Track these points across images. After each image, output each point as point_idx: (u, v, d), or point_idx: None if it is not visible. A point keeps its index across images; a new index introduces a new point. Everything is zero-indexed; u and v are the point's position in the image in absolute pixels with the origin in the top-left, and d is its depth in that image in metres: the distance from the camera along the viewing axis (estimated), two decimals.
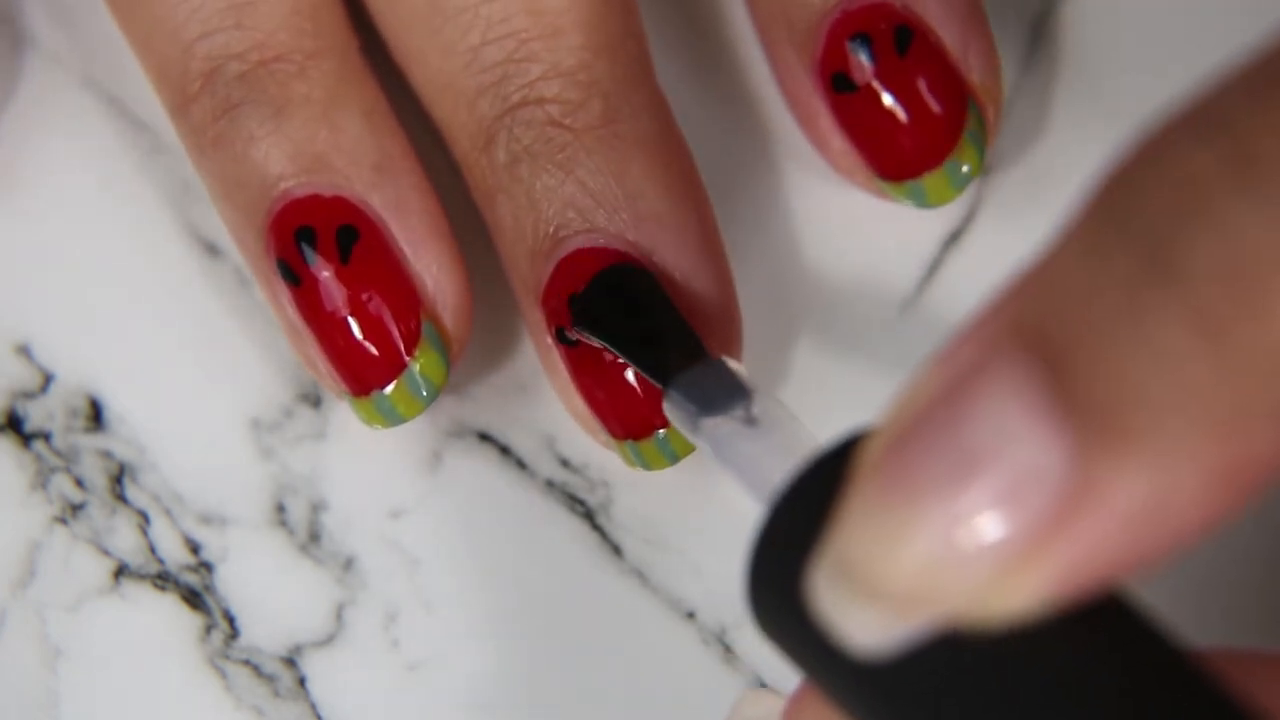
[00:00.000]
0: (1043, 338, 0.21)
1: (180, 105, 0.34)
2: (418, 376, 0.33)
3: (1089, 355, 0.21)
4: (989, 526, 0.21)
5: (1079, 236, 0.22)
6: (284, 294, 0.34)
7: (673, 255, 0.33)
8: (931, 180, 0.34)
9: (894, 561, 0.22)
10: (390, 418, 0.34)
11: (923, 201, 0.35)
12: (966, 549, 0.21)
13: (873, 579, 0.22)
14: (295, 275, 0.33)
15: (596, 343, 0.33)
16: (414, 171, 0.34)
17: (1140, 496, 0.21)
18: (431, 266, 0.34)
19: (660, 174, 0.33)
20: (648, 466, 0.33)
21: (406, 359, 0.33)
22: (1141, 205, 0.21)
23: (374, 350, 0.33)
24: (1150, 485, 0.21)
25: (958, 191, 0.34)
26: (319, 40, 0.34)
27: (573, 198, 0.33)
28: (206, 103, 0.34)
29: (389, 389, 0.33)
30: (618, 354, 0.32)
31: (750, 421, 0.30)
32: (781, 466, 0.27)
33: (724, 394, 0.30)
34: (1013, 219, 0.36)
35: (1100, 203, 0.22)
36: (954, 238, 0.36)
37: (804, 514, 0.23)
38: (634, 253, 0.33)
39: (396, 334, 0.33)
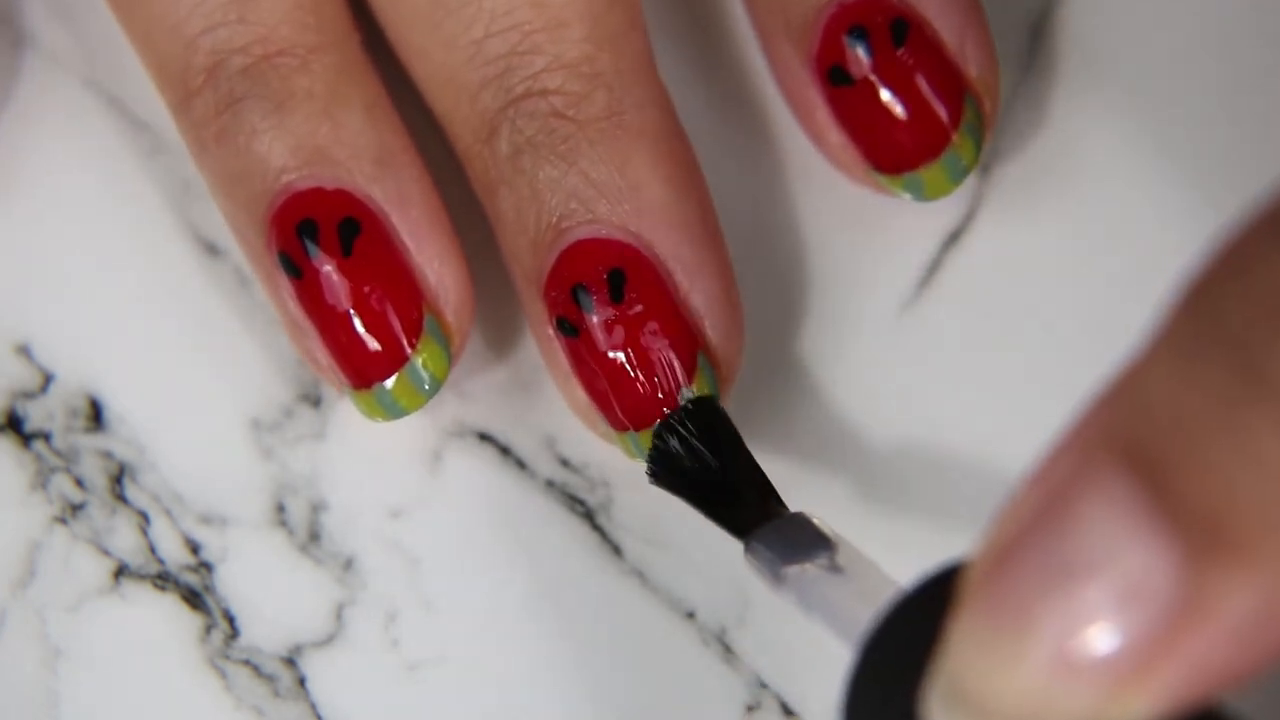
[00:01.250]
0: (1139, 450, 0.21)
1: (182, 100, 0.34)
2: (420, 369, 0.33)
3: (1188, 467, 0.21)
4: (1101, 641, 0.21)
5: (1167, 344, 0.21)
6: (286, 288, 0.34)
7: (674, 246, 0.33)
8: (929, 173, 0.34)
9: (1008, 682, 0.21)
10: (392, 410, 0.34)
11: (920, 195, 0.35)
12: (1079, 665, 0.21)
13: (988, 702, 0.22)
14: (297, 268, 0.33)
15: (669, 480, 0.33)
16: (415, 165, 0.34)
17: (1250, 608, 0.21)
18: (434, 260, 0.34)
19: (663, 166, 0.34)
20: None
21: (409, 351, 0.33)
22: (1230, 313, 0.21)
23: (376, 343, 0.33)
24: (1260, 596, 0.21)
25: (955, 184, 0.34)
26: (321, 34, 0.34)
27: (575, 188, 0.33)
28: (209, 97, 0.34)
29: (391, 382, 0.33)
30: (690, 500, 0.32)
31: (834, 569, 0.29)
32: (869, 609, 0.27)
33: (806, 544, 0.30)
34: (1012, 219, 0.36)
35: (1187, 310, 0.21)
36: (954, 238, 0.36)
37: (901, 648, 0.23)
38: (636, 243, 0.33)
39: (398, 327, 0.33)
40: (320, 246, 0.33)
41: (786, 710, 0.34)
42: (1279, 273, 0.21)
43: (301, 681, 0.35)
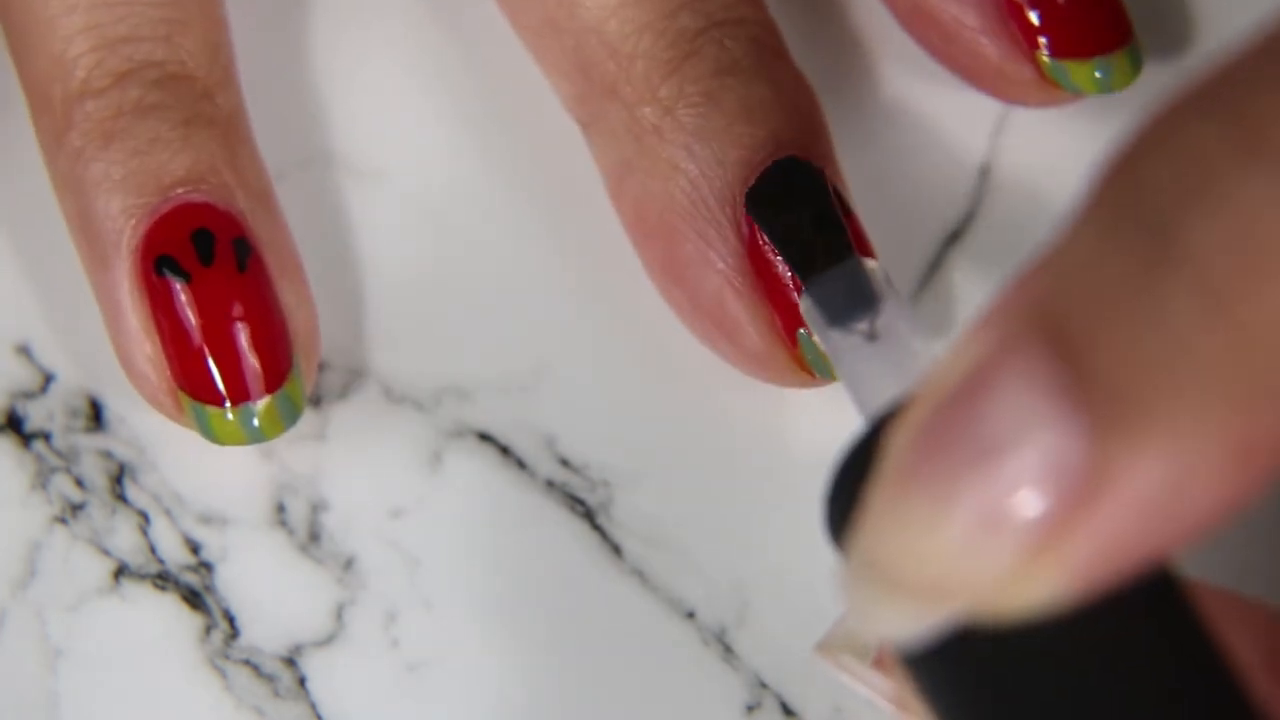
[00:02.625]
0: (1056, 323, 0.21)
1: (76, 94, 0.34)
2: (286, 399, 0.34)
3: (1102, 338, 0.21)
4: (1011, 515, 0.21)
5: (1088, 219, 0.22)
6: (141, 291, 0.33)
7: (822, 159, 0.34)
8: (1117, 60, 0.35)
9: (915, 555, 0.22)
10: (252, 434, 0.34)
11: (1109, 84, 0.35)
12: (986, 541, 0.21)
13: (894, 574, 0.22)
14: (184, 271, 0.33)
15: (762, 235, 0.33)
16: (282, 213, 0.35)
17: (1157, 479, 0.21)
18: (296, 301, 0.34)
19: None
20: None
21: (284, 379, 0.34)
22: (1149, 185, 0.21)
23: (259, 359, 0.33)
24: (1166, 467, 0.21)
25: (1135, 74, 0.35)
26: (225, 74, 0.35)
27: (782, 110, 0.34)
28: (113, 98, 0.34)
29: (263, 403, 0.34)
30: (774, 246, 0.33)
31: (871, 336, 0.30)
32: (887, 391, 0.28)
33: (853, 302, 0.31)
34: (1013, 219, 0.36)
35: (1108, 185, 0.22)
36: (954, 237, 0.36)
37: (855, 488, 0.23)
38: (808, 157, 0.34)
39: (278, 350, 0.34)
40: (216, 256, 0.33)
41: (786, 710, 0.34)
42: (1197, 142, 0.21)
43: (301, 681, 0.35)
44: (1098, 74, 0.35)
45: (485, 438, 0.36)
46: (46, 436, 0.36)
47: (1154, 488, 0.21)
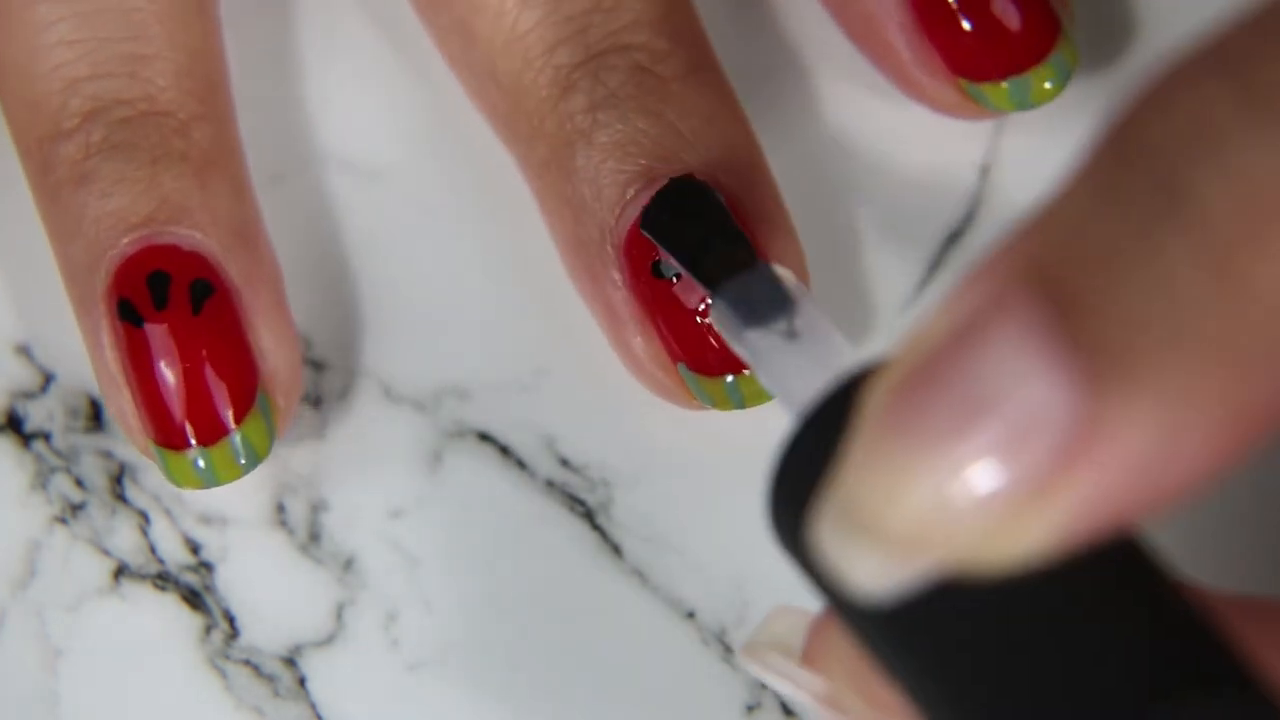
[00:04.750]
0: (1053, 276, 0.21)
1: (49, 137, 0.34)
2: (239, 443, 0.33)
3: (1098, 293, 0.21)
4: (993, 470, 0.21)
5: (1089, 174, 0.21)
6: (117, 338, 0.33)
7: (758, 203, 0.33)
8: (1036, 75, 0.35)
9: (896, 505, 0.21)
10: (205, 478, 0.33)
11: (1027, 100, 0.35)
12: (969, 494, 0.21)
13: (874, 523, 0.21)
14: (139, 316, 0.33)
15: (660, 249, 0.33)
16: (268, 249, 0.35)
17: (1146, 437, 0.20)
18: (274, 342, 0.34)
19: (743, 124, 0.34)
20: None
21: (231, 425, 0.33)
22: (1152, 142, 0.21)
23: (205, 406, 0.33)
24: (1156, 425, 0.20)
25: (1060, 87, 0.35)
26: (203, 105, 0.35)
27: (663, 138, 0.33)
28: (81, 140, 0.34)
29: (210, 449, 0.33)
30: (674, 260, 0.32)
31: (791, 335, 0.30)
32: (815, 383, 0.27)
33: (769, 304, 0.30)
34: (1013, 219, 0.36)
35: (1111, 141, 0.21)
36: (954, 237, 0.36)
37: (819, 445, 0.23)
38: (727, 194, 0.33)
39: (227, 396, 0.33)
40: (170, 300, 0.33)
41: (786, 710, 0.34)
42: (1201, 100, 0.21)
43: (301, 681, 0.35)
44: (1011, 95, 0.35)
45: (485, 438, 0.36)
46: (46, 436, 0.36)
47: (1146, 445, 0.20)
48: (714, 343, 0.33)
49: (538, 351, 0.36)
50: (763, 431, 0.35)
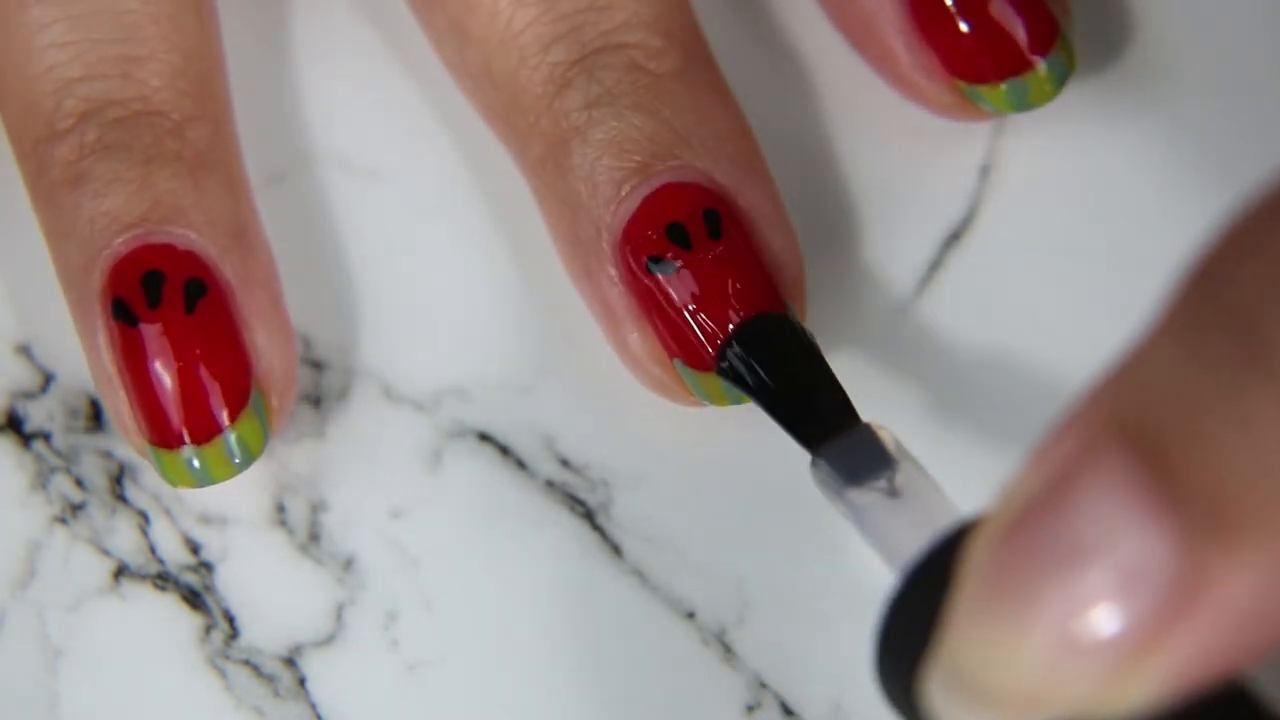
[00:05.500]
0: (1142, 429, 0.21)
1: (43, 139, 0.34)
2: (233, 442, 0.33)
3: (1190, 446, 0.21)
4: (1102, 623, 0.21)
5: (1172, 323, 0.21)
6: (111, 337, 0.33)
7: (756, 200, 0.33)
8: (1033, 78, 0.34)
9: (1006, 667, 0.21)
10: (199, 477, 0.33)
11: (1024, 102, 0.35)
12: (1079, 650, 0.21)
13: (986, 687, 0.21)
14: (133, 315, 0.33)
15: (741, 392, 0.32)
16: (265, 249, 0.35)
17: (1251, 588, 0.20)
18: (269, 341, 0.34)
19: (738, 120, 0.34)
20: None
21: (224, 423, 0.33)
22: (1234, 291, 0.21)
23: (198, 405, 0.33)
24: (1261, 576, 0.20)
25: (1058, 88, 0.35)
26: (198, 105, 0.34)
27: (657, 134, 0.33)
28: (74, 141, 0.34)
29: (203, 447, 0.33)
30: (764, 410, 0.32)
31: (892, 493, 0.29)
32: (917, 540, 0.27)
33: (869, 463, 0.30)
34: (1013, 219, 0.36)
35: (1192, 288, 0.21)
36: (954, 237, 0.36)
37: (924, 603, 0.23)
38: (722, 192, 0.33)
39: (221, 395, 0.33)
40: (164, 299, 0.33)
41: (786, 710, 0.34)
42: None
43: (301, 681, 0.35)
44: (1009, 97, 0.35)
45: (485, 438, 0.36)
46: (46, 436, 0.36)
47: (1251, 596, 0.20)
48: (706, 338, 0.33)
49: (538, 351, 0.36)
50: (763, 431, 0.35)
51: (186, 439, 0.33)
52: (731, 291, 0.33)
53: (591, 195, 0.34)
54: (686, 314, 0.33)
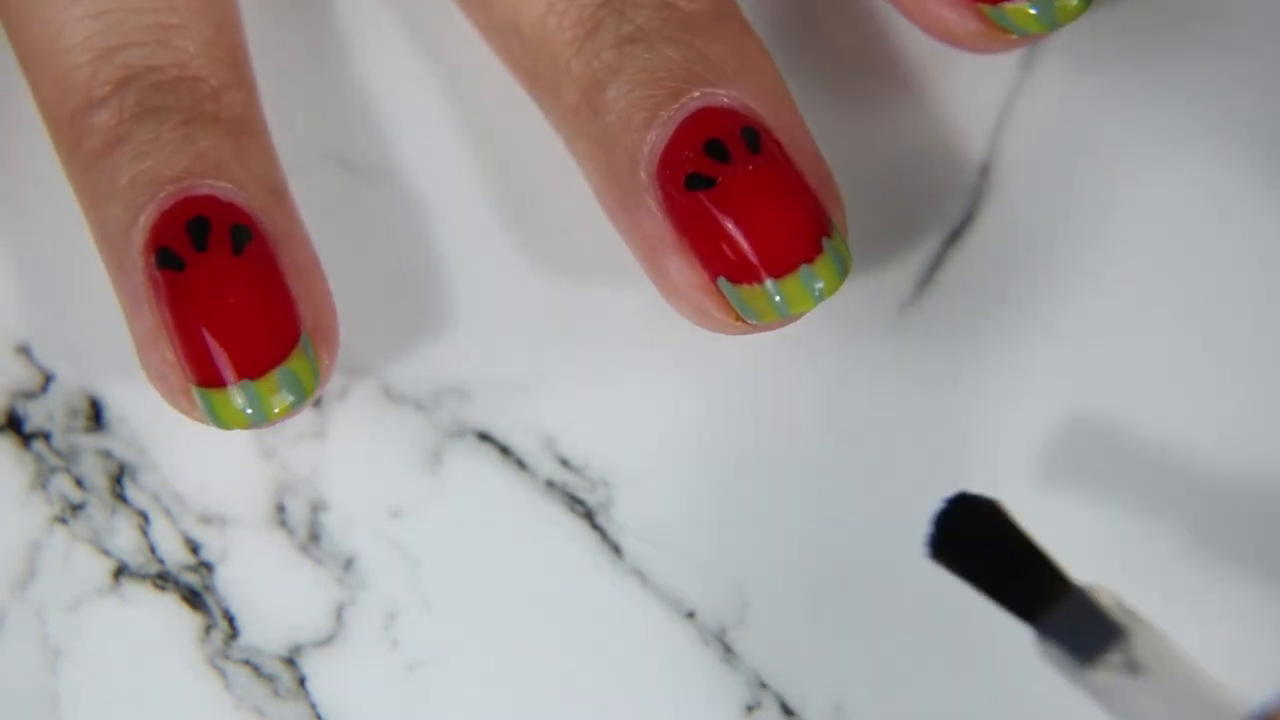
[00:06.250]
0: None
1: (81, 108, 0.34)
2: (288, 377, 0.33)
3: None
4: None
5: None
6: (151, 288, 0.33)
7: (794, 130, 0.33)
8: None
9: None
10: (253, 414, 0.32)
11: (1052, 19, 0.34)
12: None
13: None
14: (179, 260, 0.33)
15: (956, 575, 0.31)
16: (299, 213, 0.34)
17: None
18: (312, 297, 0.33)
19: (770, 62, 0.34)
20: None
21: (277, 359, 0.32)
22: None
23: (251, 340, 0.32)
24: None
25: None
26: (233, 73, 0.35)
27: (692, 64, 0.33)
28: (115, 105, 0.34)
29: (256, 381, 0.32)
30: (980, 592, 0.30)
31: (1133, 668, 0.28)
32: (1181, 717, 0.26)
33: (1096, 632, 0.29)
34: (1014, 219, 0.36)
35: None
36: (954, 237, 0.36)
37: None
38: (757, 117, 0.33)
39: (273, 331, 0.33)
40: (211, 242, 0.33)
41: (786, 710, 0.34)
42: None
43: (301, 681, 0.35)
44: (1038, 13, 0.34)
45: (485, 438, 0.36)
46: (46, 436, 0.36)
47: None
48: (752, 249, 0.32)
49: (538, 351, 0.36)
50: (763, 432, 0.35)
51: (235, 376, 0.32)
52: (774, 199, 0.32)
53: (625, 128, 0.33)
54: (730, 227, 0.32)
